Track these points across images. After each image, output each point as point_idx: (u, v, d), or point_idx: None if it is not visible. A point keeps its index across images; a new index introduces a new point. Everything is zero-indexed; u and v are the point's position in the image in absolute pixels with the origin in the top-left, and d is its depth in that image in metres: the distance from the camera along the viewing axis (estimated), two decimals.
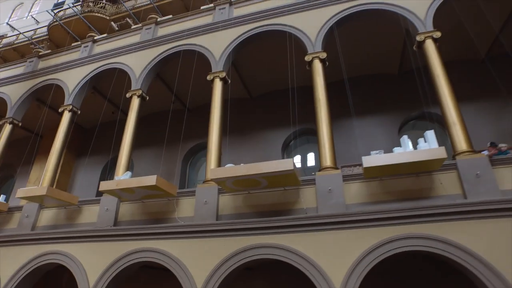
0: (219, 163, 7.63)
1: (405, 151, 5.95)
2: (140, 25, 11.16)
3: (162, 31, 10.72)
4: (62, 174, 12.90)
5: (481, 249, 5.51)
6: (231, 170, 6.07)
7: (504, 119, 9.55)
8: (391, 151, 6.41)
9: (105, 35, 11.94)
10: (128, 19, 15.39)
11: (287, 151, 11.53)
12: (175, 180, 11.81)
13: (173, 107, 12.33)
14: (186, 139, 12.00)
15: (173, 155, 12.13)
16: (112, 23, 15.60)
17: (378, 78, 11.25)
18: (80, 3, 17.73)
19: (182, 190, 8.01)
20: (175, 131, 11.02)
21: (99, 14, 15.89)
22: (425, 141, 6.08)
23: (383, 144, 9.82)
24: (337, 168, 6.86)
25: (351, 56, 10.36)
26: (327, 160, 6.86)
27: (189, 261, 6.86)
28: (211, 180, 6.52)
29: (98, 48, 11.47)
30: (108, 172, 13.08)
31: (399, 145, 7.16)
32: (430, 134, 6.06)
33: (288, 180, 6.21)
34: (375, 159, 5.82)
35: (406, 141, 6.15)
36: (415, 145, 6.36)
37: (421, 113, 10.30)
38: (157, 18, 10.92)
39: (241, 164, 6.26)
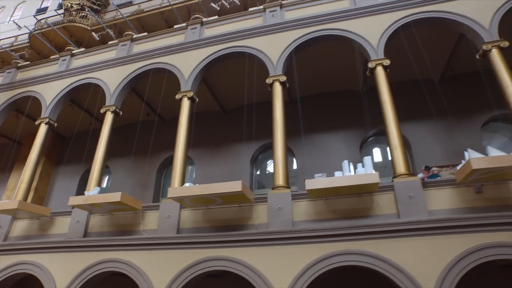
0: (183, 180, 8.17)
1: (344, 175, 6.59)
2: (116, 41, 11.62)
3: (137, 48, 11.19)
4: (41, 182, 13.30)
5: (408, 265, 6.18)
6: (188, 190, 6.64)
7: (455, 138, 10.29)
8: (354, 166, 7.09)
9: (82, 49, 12.35)
10: (109, 29, 15.78)
11: (256, 164, 12.13)
12: (149, 190, 12.31)
13: (151, 118, 12.86)
14: (161, 150, 12.54)
15: (150, 165, 12.63)
16: (93, 33, 15.98)
17: (342, 94, 11.90)
18: (62, 11, 18.01)
19: (147, 204, 8.55)
20: (152, 141, 11.55)
21: (80, 24, 16.26)
22: (363, 166, 6.73)
23: (346, 158, 10.50)
24: (288, 187, 7.46)
25: (318, 73, 11.04)
26: (280, 180, 7.46)
27: (150, 271, 7.40)
28: (171, 198, 7.06)
29: (76, 62, 11.88)
30: (84, 182, 13.43)
31: (360, 159, 7.83)
32: (367, 159, 6.71)
33: (239, 199, 6.80)
34: (316, 182, 6.45)
35: (346, 165, 6.79)
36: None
37: (380, 130, 11.01)
38: (132, 35, 11.39)
39: (197, 185, 6.83)
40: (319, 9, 9.78)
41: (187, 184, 7.03)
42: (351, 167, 6.84)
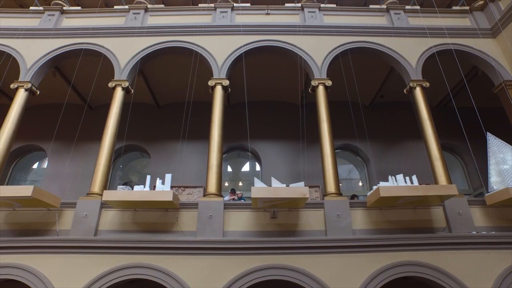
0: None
1: (142, 190, 6.65)
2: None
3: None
4: None
5: (194, 281, 6.26)
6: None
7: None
8: None
9: None
10: None
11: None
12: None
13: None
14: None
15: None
16: None
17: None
18: None
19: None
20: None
21: None
22: (163, 183, 6.87)
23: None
24: (100, 195, 7.21)
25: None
26: (95, 187, 7.36)
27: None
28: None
29: None
30: None
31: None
32: (168, 177, 6.84)
33: (35, 203, 6.60)
34: (114, 194, 6.53)
35: (148, 180, 6.91)
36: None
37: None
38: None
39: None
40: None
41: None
42: (159, 181, 6.93)
